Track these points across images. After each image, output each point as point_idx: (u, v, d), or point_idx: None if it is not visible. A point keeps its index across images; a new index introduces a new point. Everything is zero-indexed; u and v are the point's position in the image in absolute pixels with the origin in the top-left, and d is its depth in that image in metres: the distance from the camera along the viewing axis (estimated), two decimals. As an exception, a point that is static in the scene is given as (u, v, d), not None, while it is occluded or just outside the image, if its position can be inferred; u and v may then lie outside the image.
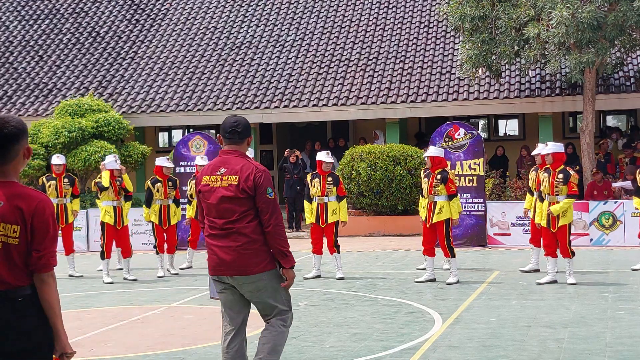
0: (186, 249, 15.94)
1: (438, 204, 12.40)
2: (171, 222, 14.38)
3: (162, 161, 14.52)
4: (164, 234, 14.40)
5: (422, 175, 12.85)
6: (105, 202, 13.69)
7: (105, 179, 13.67)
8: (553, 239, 12.07)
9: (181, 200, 15.99)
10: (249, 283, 5.72)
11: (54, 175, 14.60)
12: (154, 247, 14.52)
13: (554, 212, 11.80)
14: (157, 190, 14.27)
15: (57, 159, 14.61)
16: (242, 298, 5.83)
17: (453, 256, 12.38)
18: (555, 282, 12.02)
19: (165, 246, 14.51)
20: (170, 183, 14.38)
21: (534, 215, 12.74)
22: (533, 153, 13.55)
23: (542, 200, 12.17)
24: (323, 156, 13.26)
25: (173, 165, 14.74)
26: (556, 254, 12.13)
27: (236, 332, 5.81)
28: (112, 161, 13.90)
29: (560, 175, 11.90)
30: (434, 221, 12.40)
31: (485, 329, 8.87)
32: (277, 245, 5.72)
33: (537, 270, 13.04)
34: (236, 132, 5.82)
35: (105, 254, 13.61)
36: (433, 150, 12.74)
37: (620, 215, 16.72)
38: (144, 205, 14.49)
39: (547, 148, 12.15)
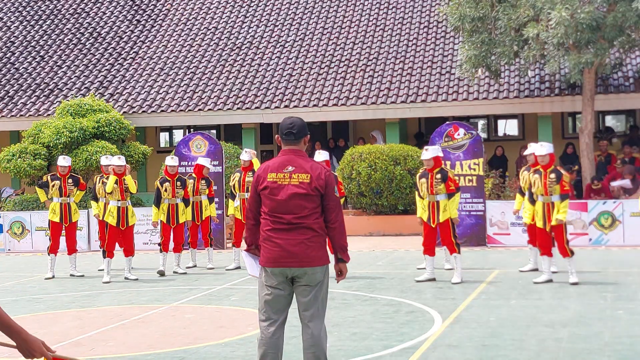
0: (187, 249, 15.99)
1: (441, 203, 12.46)
2: (179, 221, 14.45)
3: (167, 160, 14.66)
4: (171, 233, 14.46)
5: (418, 177, 12.88)
6: (110, 202, 13.77)
7: (110, 183, 13.70)
8: (548, 238, 12.11)
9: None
10: (310, 274, 5.97)
11: (58, 175, 14.68)
12: (159, 244, 14.59)
13: (563, 219, 11.88)
14: (165, 190, 14.36)
15: (62, 160, 14.67)
16: (289, 296, 6.07)
17: (459, 252, 12.46)
18: (551, 281, 12.06)
19: (172, 245, 14.58)
20: (178, 183, 14.45)
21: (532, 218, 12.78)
22: (526, 153, 13.44)
23: (533, 201, 12.23)
24: None
25: (177, 164, 14.76)
26: (552, 253, 12.17)
27: (280, 324, 6.05)
28: (114, 158, 14.02)
29: (553, 175, 11.96)
30: (440, 220, 12.46)
31: (484, 328, 8.90)
32: (340, 240, 6.10)
33: (536, 270, 13.08)
34: (291, 133, 6.07)
35: (106, 253, 13.67)
36: (434, 151, 12.74)
37: (620, 215, 16.76)
38: (153, 205, 14.58)
39: (543, 148, 12.17)
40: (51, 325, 9.94)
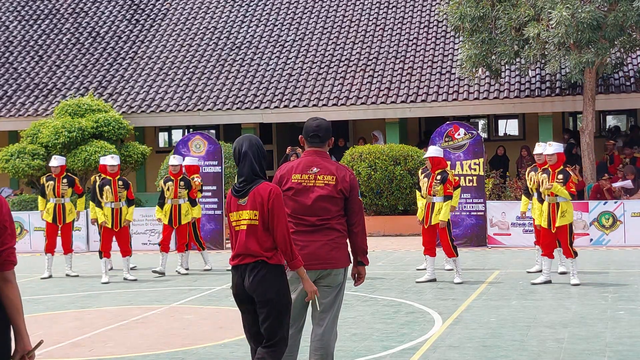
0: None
1: (437, 205, 12.41)
2: (182, 222, 14.36)
3: (170, 160, 14.63)
4: (172, 234, 14.38)
5: (421, 175, 12.85)
6: (105, 204, 13.68)
7: (98, 214, 13.64)
8: (552, 239, 12.04)
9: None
10: (333, 275, 5.90)
11: (53, 176, 14.65)
12: (158, 244, 14.54)
13: (554, 189, 11.72)
14: (168, 189, 14.31)
15: (54, 161, 14.65)
16: (304, 298, 5.99)
17: (457, 255, 12.41)
18: (549, 282, 12.00)
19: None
20: (182, 182, 14.36)
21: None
22: (536, 152, 12.81)
23: (541, 201, 12.14)
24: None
25: (178, 163, 14.58)
26: (553, 255, 12.11)
27: (299, 328, 6.01)
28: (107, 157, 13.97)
29: (560, 176, 11.87)
30: (432, 223, 12.43)
31: (485, 329, 8.87)
32: (362, 244, 6.02)
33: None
34: (317, 136, 6.02)
35: (102, 254, 13.59)
36: (432, 151, 12.74)
37: (620, 215, 16.72)
38: (157, 205, 14.54)
39: (551, 148, 12.06)
40: (50, 326, 9.89)
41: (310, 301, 5.93)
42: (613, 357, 7.48)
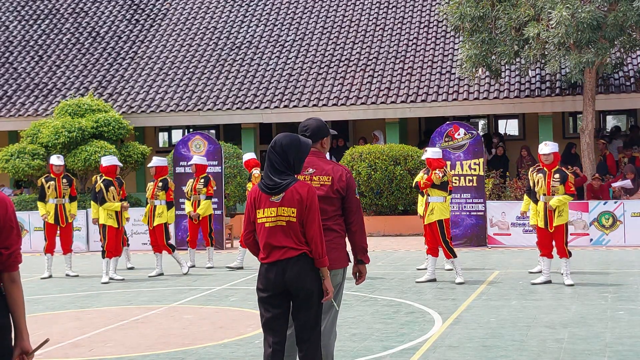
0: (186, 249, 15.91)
1: (430, 205, 12.43)
2: (154, 223, 14.21)
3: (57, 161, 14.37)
4: (152, 234, 14.33)
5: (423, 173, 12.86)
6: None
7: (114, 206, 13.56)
8: (549, 239, 12.03)
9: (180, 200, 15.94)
10: (331, 276, 5.82)
11: (52, 176, 14.59)
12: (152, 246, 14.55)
13: (553, 205, 11.72)
14: (148, 189, 14.30)
15: (58, 160, 14.60)
16: None
17: (455, 256, 12.37)
18: (549, 282, 12.00)
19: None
20: (160, 184, 14.28)
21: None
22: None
23: (535, 201, 12.12)
24: None
25: (154, 165, 14.48)
26: (552, 255, 12.10)
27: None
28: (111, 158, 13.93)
29: (557, 175, 11.84)
30: (426, 222, 12.47)
31: (485, 329, 8.86)
32: (361, 243, 5.98)
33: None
34: (305, 135, 5.96)
35: (106, 253, 13.56)
36: (429, 153, 12.69)
37: (620, 215, 16.72)
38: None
39: (547, 147, 12.03)
40: (50, 325, 9.89)
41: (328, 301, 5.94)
42: (613, 357, 7.47)
